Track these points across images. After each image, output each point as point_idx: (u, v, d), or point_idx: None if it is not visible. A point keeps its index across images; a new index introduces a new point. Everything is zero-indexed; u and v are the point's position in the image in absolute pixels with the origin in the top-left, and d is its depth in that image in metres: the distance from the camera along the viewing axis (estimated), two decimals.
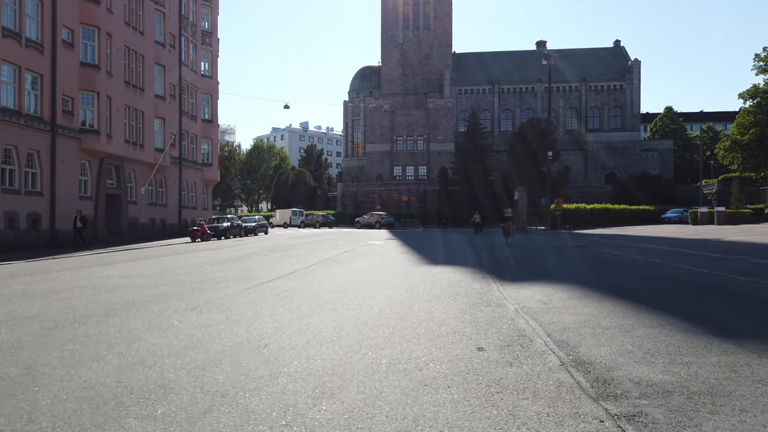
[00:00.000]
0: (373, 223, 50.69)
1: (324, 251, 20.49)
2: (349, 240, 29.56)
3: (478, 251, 20.61)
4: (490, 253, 19.52)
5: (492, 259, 16.96)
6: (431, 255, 19.19)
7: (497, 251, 20.48)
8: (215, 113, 46.63)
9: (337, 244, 25.66)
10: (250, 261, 16.75)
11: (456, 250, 21.10)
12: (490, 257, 17.91)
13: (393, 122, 76.82)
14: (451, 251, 20.78)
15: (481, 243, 25.98)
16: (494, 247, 22.50)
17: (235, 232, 38.07)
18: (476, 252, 20.29)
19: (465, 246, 23.83)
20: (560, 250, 21.59)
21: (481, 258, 17.57)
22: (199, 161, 44.69)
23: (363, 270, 14.10)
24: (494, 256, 18.50)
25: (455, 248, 22.43)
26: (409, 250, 21.75)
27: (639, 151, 79.95)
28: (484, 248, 22.39)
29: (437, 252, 20.79)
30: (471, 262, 15.90)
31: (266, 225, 43.55)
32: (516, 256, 18.23)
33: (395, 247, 23.09)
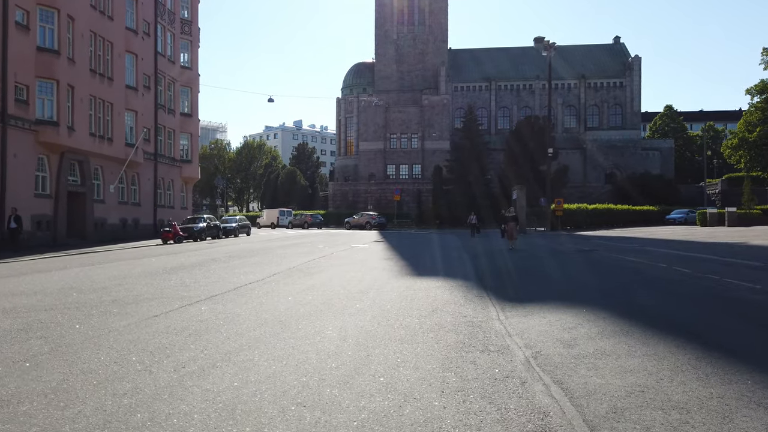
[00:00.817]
0: (363, 224, 47.87)
1: (295, 257, 17.67)
2: (331, 242, 26.74)
3: (474, 257, 17.79)
4: (488, 261, 16.71)
5: (490, 269, 14.15)
6: (419, 262, 16.40)
7: (496, 258, 17.65)
8: (195, 107, 43.74)
9: (315, 247, 22.83)
10: (200, 270, 13.91)
11: (448, 257, 18.27)
12: (488, 266, 15.08)
13: (387, 119, 73.98)
14: (443, 257, 17.97)
15: (478, 247, 23.18)
16: (493, 253, 19.66)
17: (213, 233, 35.21)
18: (472, 258, 17.47)
19: (459, 251, 21.01)
20: (567, 256, 18.81)
21: (478, 267, 14.76)
22: (177, 158, 41.80)
23: (328, 283, 11.27)
24: (493, 264, 15.68)
25: (448, 253, 19.61)
26: (394, 255, 18.93)
27: (639, 150, 77.28)
28: (481, 253, 19.57)
29: (427, 258, 17.98)
30: (464, 273, 13.11)
31: (248, 226, 40.70)
32: (518, 264, 15.44)
33: (380, 252, 20.26)
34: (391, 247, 23.38)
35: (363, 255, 18.58)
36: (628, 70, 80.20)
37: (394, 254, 19.17)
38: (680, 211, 52.79)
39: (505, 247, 21.82)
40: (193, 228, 32.83)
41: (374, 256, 18.06)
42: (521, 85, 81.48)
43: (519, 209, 39.35)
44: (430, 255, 19.07)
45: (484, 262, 16.04)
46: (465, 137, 53.96)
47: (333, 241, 27.82)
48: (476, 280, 11.67)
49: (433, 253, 20.04)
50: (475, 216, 33.92)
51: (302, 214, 54.34)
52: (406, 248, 22.63)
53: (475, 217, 33.70)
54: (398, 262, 16.16)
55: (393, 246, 24.08)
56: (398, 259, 17.09)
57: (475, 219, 33.78)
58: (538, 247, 23.48)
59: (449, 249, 21.91)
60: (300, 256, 17.81)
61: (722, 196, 65.97)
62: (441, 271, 13.60)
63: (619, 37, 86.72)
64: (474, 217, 33.74)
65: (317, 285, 11.03)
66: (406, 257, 17.78)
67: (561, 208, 42.16)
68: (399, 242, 27.62)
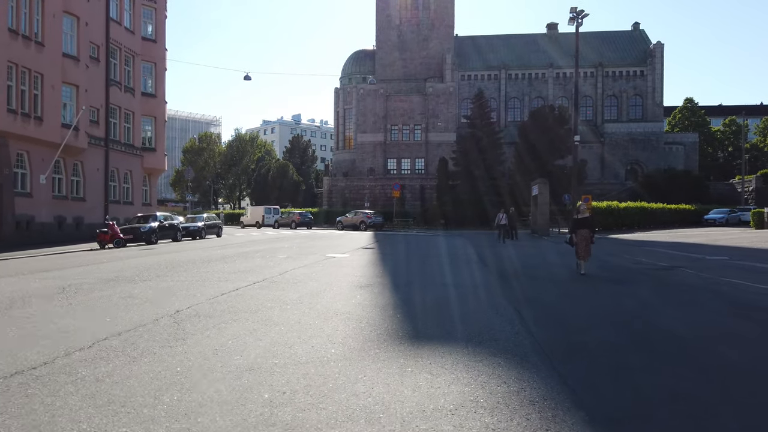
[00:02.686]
0: (357, 224, 40.96)
1: (213, 285, 10.72)
2: (305, 250, 19.85)
3: (511, 293, 10.12)
4: (541, 306, 8.97)
5: (555, 332, 6.95)
6: (416, 299, 9.35)
7: (558, 296, 9.99)
8: (161, 87, 36.89)
9: (272, 260, 15.93)
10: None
11: (466, 285, 11.12)
12: (546, 321, 7.62)
13: (387, 109, 66.99)
14: (458, 287, 10.84)
15: (514, 262, 16.18)
16: (544, 282, 11.60)
17: (169, 234, 28.42)
18: (508, 293, 10.03)
19: (483, 272, 13.89)
20: (673, 285, 11.80)
21: (525, 321, 7.41)
22: (137, 145, 34.98)
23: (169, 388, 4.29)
24: (557, 315, 8.18)
25: (464, 277, 12.50)
26: (378, 279, 12.02)
27: (662, 145, 70.12)
28: (525, 282, 11.75)
29: (430, 289, 10.85)
30: (508, 342, 6.04)
31: (218, 226, 33.88)
32: (625, 321, 8.19)
33: (359, 271, 13.34)
34: (380, 259, 16.47)
35: (329, 278, 11.66)
36: (649, 58, 72.92)
37: (378, 276, 12.24)
38: (720, 210, 45.72)
39: (564, 265, 14.76)
40: (140, 229, 26.01)
41: (346, 282, 11.15)
42: (533, 73, 74.28)
43: (542, 207, 32.45)
44: (436, 280, 12.05)
45: (536, 311, 8.31)
46: (474, 125, 46.93)
47: (308, 248, 20.93)
48: (533, 369, 4.72)
49: (440, 274, 13.08)
50: (505, 214, 26.84)
51: (290, 213, 47.45)
52: (399, 263, 15.73)
53: (504, 216, 26.63)
54: (380, 296, 9.22)
55: (383, 258, 17.19)
56: (382, 289, 10.15)
57: (505, 218, 26.70)
58: (599, 263, 16.50)
59: (465, 267, 14.92)
60: (224, 282, 10.90)
61: (757, 194, 58.80)
62: (458, 333, 6.54)
63: (638, 23, 79.46)
64: (503, 216, 26.67)
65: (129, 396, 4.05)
66: (395, 285, 10.81)
67: (589, 206, 35.07)
68: (393, 250, 20.70)
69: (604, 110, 73.90)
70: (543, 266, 15.25)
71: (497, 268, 14.29)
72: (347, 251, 19.18)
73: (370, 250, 19.73)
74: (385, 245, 23.51)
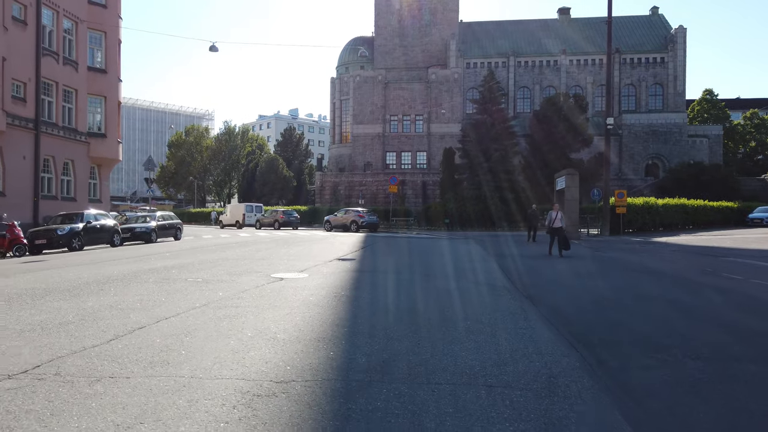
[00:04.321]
0: (348, 224, 34.64)
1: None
2: (244, 265, 13.57)
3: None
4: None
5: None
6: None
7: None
8: (114, 61, 30.69)
9: (168, 285, 9.66)
10: None
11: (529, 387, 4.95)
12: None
13: (386, 98, 60.70)
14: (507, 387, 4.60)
15: (610, 320, 9.88)
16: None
17: (104, 237, 22.26)
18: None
19: (552, 336, 7.56)
20: None
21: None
22: (82, 129, 28.81)
23: None
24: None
25: (519, 356, 6.21)
26: (323, 346, 5.74)
27: (685, 138, 63.69)
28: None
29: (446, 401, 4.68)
30: None
31: (176, 226, 27.67)
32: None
33: (296, 321, 7.00)
34: (351, 287, 10.12)
35: (203, 357, 5.26)
36: (670, 44, 66.47)
37: (320, 348, 5.88)
38: (765, 209, 39.34)
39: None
40: (56, 232, 19.82)
41: (227, 371, 4.84)
42: (544, 61, 67.86)
43: (569, 203, 26.17)
44: (459, 361, 5.67)
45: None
46: (484, 111, 40.56)
47: (258, 261, 14.68)
48: None
49: (453, 324, 6.74)
50: (560, 212, 20.30)
51: (274, 211, 41.16)
52: (380, 299, 9.41)
53: (560, 215, 20.13)
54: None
55: (357, 283, 10.86)
56: (301, 417, 3.90)
57: (561, 219, 20.23)
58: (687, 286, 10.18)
59: (499, 309, 8.58)
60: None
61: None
62: None
63: (657, 8, 72.99)
64: (558, 215, 20.17)
65: None
66: (347, 392, 4.48)
67: (624, 203, 28.84)
68: (380, 265, 14.38)
69: (622, 100, 67.55)
70: (647, 298, 8.99)
71: (590, 326, 7.90)
72: (312, 266, 12.94)
73: (347, 265, 13.47)
74: (373, 255, 17.23)
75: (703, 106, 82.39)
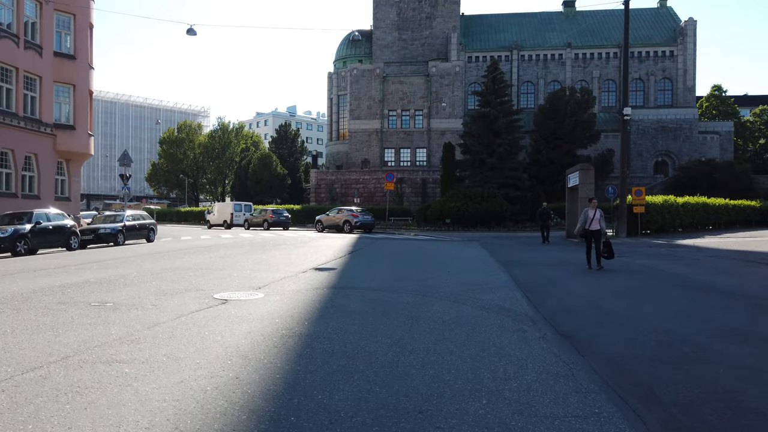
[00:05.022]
0: (341, 224, 31.82)
1: None
2: (202, 276, 10.82)
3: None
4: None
5: None
6: None
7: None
8: (83, 46, 27.90)
9: (57, 315, 6.89)
10: None
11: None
12: None
13: (384, 92, 57.83)
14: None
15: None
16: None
17: (59, 240, 19.53)
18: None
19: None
20: None
21: None
22: (47, 121, 26.05)
23: None
24: None
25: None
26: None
27: (696, 134, 60.81)
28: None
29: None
30: None
31: (148, 227, 24.90)
32: None
33: (209, 401, 4.27)
34: (321, 309, 7.40)
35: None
36: (680, 37, 63.55)
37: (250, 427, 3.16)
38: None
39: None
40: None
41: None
42: (549, 55, 64.96)
43: (582, 202, 23.34)
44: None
45: None
46: (487, 103, 37.70)
47: (230, 268, 11.94)
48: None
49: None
50: (599, 210, 17.41)
51: (263, 210, 38.34)
52: (364, 323, 6.67)
53: (599, 214, 17.23)
54: None
55: (333, 300, 8.12)
56: None
57: (602, 219, 17.33)
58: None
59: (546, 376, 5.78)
60: None
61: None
62: None
63: (665, 0, 70.05)
64: (597, 214, 17.25)
65: None
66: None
67: (642, 201, 26.01)
68: (365, 278, 11.53)
69: (629, 95, 64.29)
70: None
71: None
72: (278, 279, 10.18)
73: (322, 278, 10.71)
74: (359, 263, 14.46)
75: (712, 102, 79.66)
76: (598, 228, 12.73)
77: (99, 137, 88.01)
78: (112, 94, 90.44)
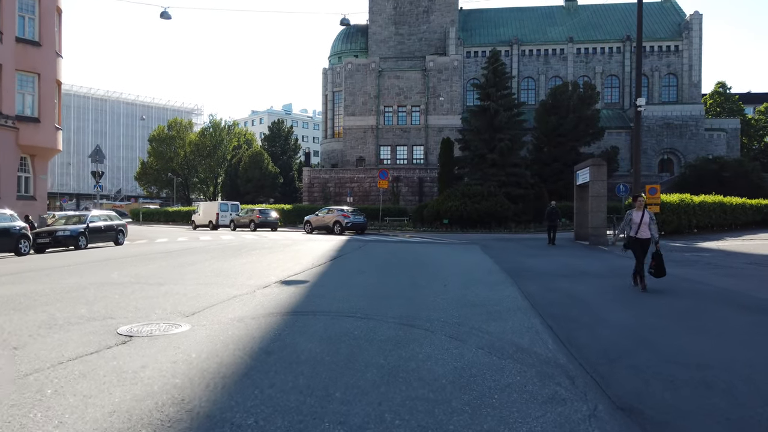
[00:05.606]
0: (330, 225, 29.45)
1: None
2: (128, 296, 8.50)
3: None
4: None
5: None
6: None
7: None
8: (49, 32, 25.51)
9: None
10: None
11: None
12: None
13: (380, 87, 55.51)
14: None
15: None
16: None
17: (5, 244, 17.18)
18: None
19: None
20: None
21: None
22: (7, 112, 23.66)
23: None
24: None
25: None
26: None
27: (702, 131, 58.54)
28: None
29: None
30: None
31: (116, 228, 22.52)
32: None
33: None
34: (257, 357, 5.10)
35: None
36: (685, 31, 61.28)
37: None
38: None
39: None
40: None
41: None
42: (550, 50, 62.64)
43: (594, 200, 21.12)
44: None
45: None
46: (488, 96, 35.36)
47: (173, 282, 9.65)
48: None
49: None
50: (646, 211, 15.03)
51: (250, 210, 35.97)
52: (313, 385, 4.35)
53: (649, 216, 14.83)
54: None
55: (282, 337, 5.82)
56: None
57: (652, 222, 14.96)
58: None
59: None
60: None
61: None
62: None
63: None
64: (646, 217, 14.87)
65: None
66: None
67: (657, 200, 23.67)
68: (338, 299, 9.15)
69: (633, 91, 62.33)
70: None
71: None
72: (226, 299, 7.86)
73: (284, 296, 8.39)
74: (338, 274, 12.12)
75: (716, 99, 77.63)
76: (648, 236, 9.55)
77: (89, 135, 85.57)
78: (103, 91, 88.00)
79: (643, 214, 9.63)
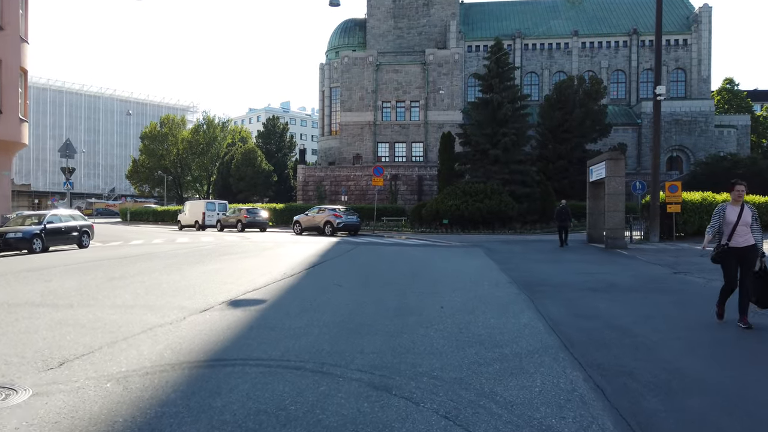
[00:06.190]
0: (321, 226, 27.08)
1: None
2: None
3: None
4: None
5: None
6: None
7: None
8: (12, 14, 23.19)
9: None
10: None
11: None
12: None
13: (378, 82, 53.14)
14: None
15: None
16: None
17: None
18: None
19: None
20: None
21: None
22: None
23: None
24: None
25: None
26: None
27: (712, 128, 56.16)
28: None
29: None
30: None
31: (81, 230, 20.21)
32: None
33: None
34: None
35: None
36: (693, 24, 58.88)
37: None
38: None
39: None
40: None
41: None
42: (554, 44, 60.24)
43: (611, 198, 18.81)
44: None
45: None
46: (489, 88, 33.00)
47: (93, 304, 7.40)
48: None
49: None
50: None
51: (238, 209, 33.67)
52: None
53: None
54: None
55: (178, 427, 3.52)
56: None
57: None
58: None
59: None
60: None
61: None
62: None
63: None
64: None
65: None
66: None
67: (677, 199, 21.37)
68: (297, 330, 6.86)
69: (640, 87, 59.98)
70: None
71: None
72: (131, 336, 5.58)
73: (223, 327, 6.10)
74: (312, 287, 9.79)
75: (724, 95, 75.15)
76: (752, 242, 6.43)
77: (82, 133, 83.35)
78: (96, 88, 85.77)
79: (741, 210, 6.45)
